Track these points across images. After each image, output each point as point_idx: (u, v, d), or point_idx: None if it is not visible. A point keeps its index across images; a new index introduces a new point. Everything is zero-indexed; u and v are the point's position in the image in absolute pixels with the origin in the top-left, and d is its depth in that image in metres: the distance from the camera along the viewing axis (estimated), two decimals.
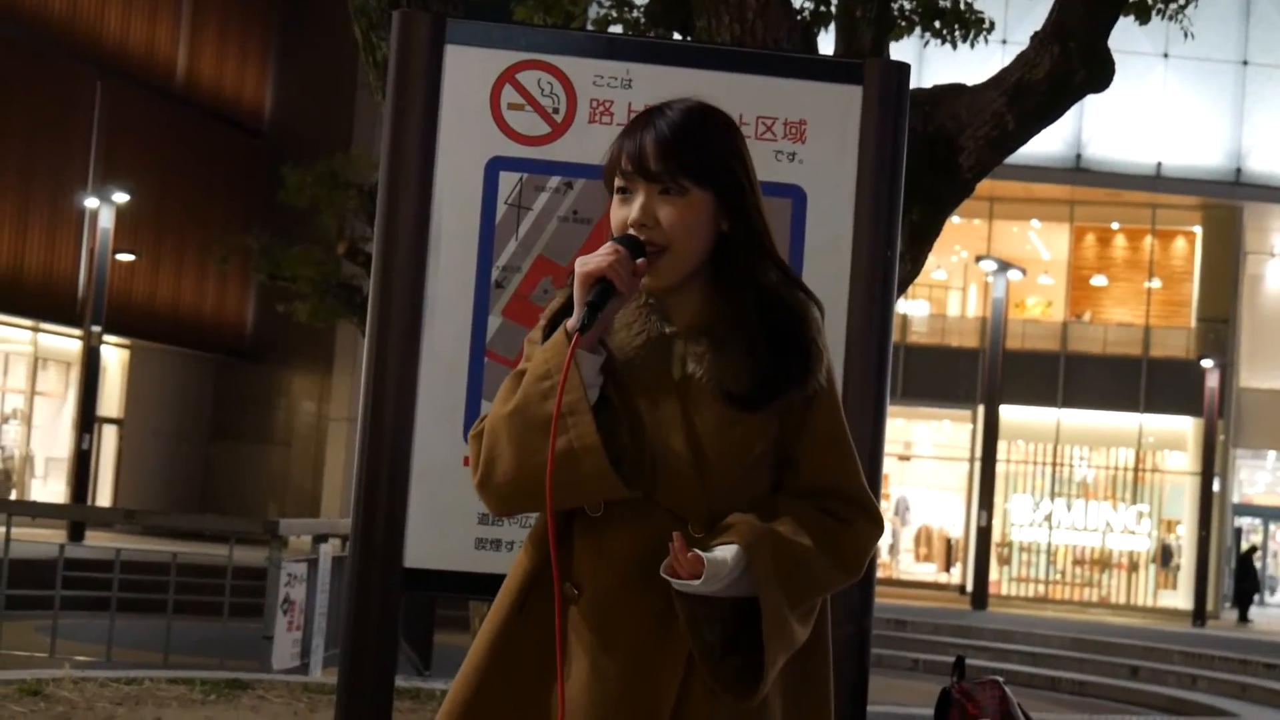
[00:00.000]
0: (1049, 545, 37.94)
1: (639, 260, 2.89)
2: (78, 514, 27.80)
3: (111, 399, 35.70)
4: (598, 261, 2.86)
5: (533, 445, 2.84)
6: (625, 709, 2.88)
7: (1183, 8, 9.96)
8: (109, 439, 35.94)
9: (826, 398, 2.99)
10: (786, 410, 2.95)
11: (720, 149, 2.98)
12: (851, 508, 2.99)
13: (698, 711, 2.89)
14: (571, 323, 2.87)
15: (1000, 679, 3.26)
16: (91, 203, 32.00)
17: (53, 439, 34.27)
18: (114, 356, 35.66)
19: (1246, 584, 36.17)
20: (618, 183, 2.97)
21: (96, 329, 30.84)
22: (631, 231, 2.92)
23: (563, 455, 2.81)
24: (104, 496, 35.55)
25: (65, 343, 33.73)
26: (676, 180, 2.93)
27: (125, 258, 33.15)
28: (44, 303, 32.35)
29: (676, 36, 8.98)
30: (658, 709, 2.88)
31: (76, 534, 26.97)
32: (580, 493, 2.86)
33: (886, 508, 37.87)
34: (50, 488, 33.79)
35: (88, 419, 31.45)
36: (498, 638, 2.97)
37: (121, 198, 31.28)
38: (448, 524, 4.11)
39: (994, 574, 35.11)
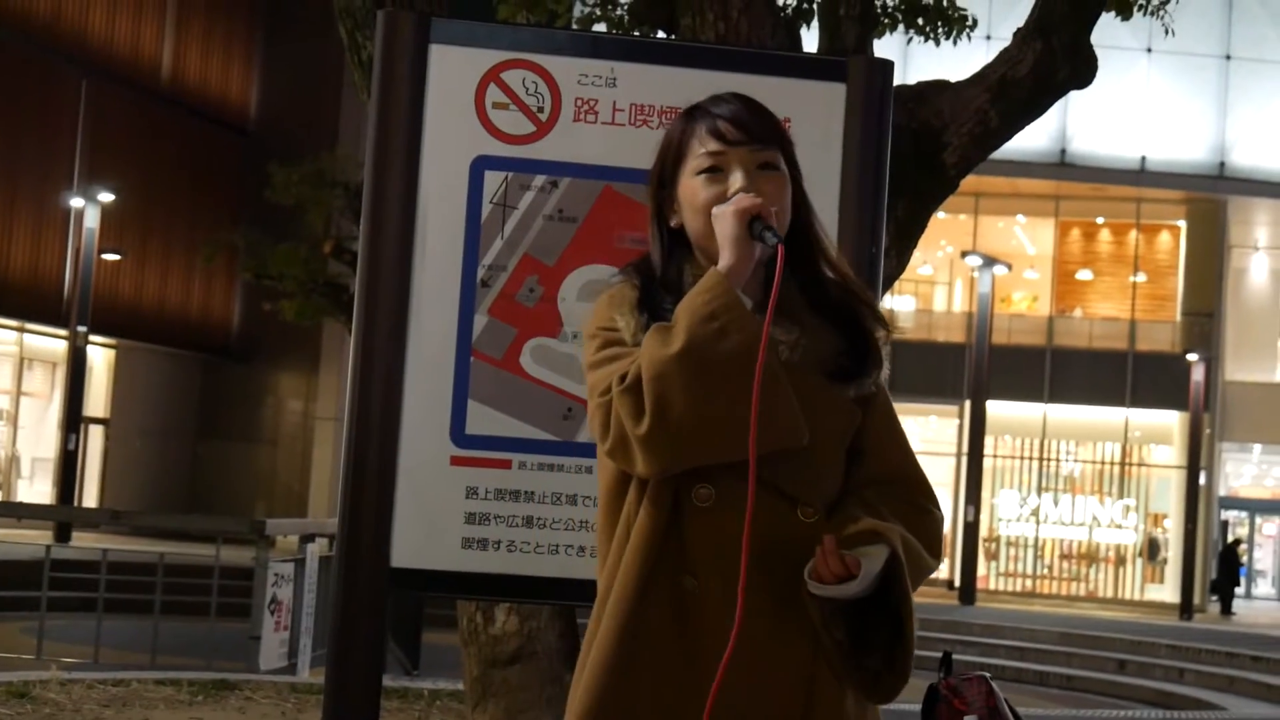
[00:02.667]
0: (1036, 540, 38.02)
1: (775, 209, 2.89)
2: (64, 515, 27.75)
3: (97, 399, 35.66)
4: (751, 200, 2.85)
5: (713, 387, 2.76)
6: (758, 700, 2.85)
7: (1164, 3, 9.97)
8: (95, 439, 35.89)
9: (884, 392, 3.05)
10: (861, 400, 2.98)
11: (789, 134, 3.05)
12: (923, 495, 3.03)
13: (826, 699, 2.88)
14: (724, 263, 2.83)
15: (987, 674, 3.26)
16: (76, 202, 31.95)
17: (38, 439, 34.23)
18: (100, 356, 35.61)
19: (1229, 577, 36.22)
20: (707, 161, 2.94)
21: (82, 329, 30.79)
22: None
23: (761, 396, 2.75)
24: (90, 497, 35.50)
25: (50, 343, 33.69)
26: (774, 150, 2.95)
27: (111, 257, 33.10)
28: (29, 303, 32.29)
29: (660, 35, 8.99)
30: (791, 699, 2.87)
31: (63, 535, 26.93)
32: (772, 434, 2.79)
33: None
34: (36, 488, 33.75)
35: (74, 419, 31.41)
36: (624, 632, 2.89)
37: (107, 197, 31.23)
38: (434, 523, 4.11)
39: (981, 569, 35.18)
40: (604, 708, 2.88)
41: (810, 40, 8.57)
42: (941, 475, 38.13)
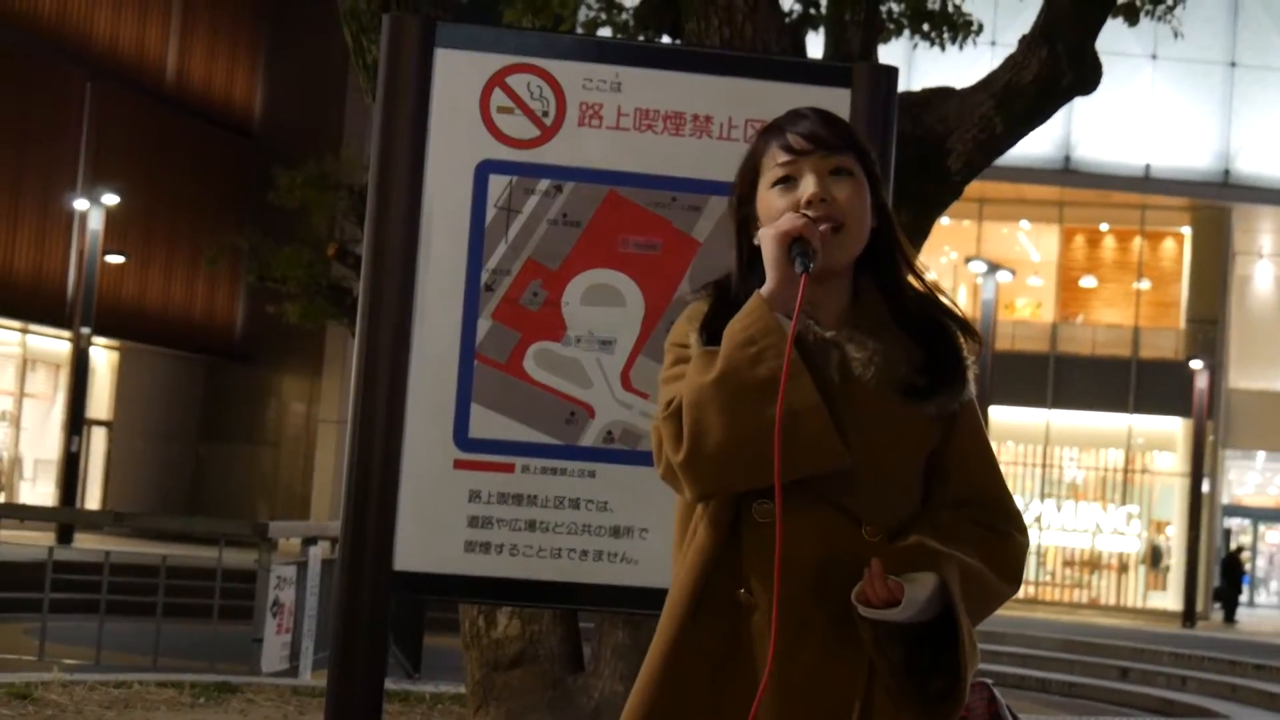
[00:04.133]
0: (1039, 546, 37.98)
1: (822, 227, 2.87)
2: (67, 517, 27.74)
3: (101, 401, 35.64)
4: (792, 222, 2.83)
5: (747, 412, 2.77)
6: (810, 718, 2.84)
7: (1170, 9, 9.98)
8: (98, 441, 35.88)
9: (972, 409, 3.00)
10: (943, 419, 2.95)
11: (868, 141, 3.04)
12: (1004, 518, 3.00)
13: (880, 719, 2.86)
14: (768, 286, 2.82)
15: (989, 681, 3.26)
16: (81, 204, 31.94)
17: (41, 441, 34.22)
18: (103, 358, 35.61)
19: (1232, 585, 36.20)
20: (779, 172, 2.94)
21: (86, 330, 30.77)
22: (807, 213, 2.88)
23: (786, 417, 2.75)
24: (93, 498, 35.50)
25: (54, 344, 33.68)
26: (848, 155, 2.93)
27: (115, 259, 33.10)
28: (33, 304, 32.30)
29: (665, 39, 8.99)
30: (843, 718, 2.85)
31: (66, 536, 26.93)
32: (803, 457, 2.78)
33: None
34: (39, 490, 33.74)
35: (77, 421, 31.38)
36: (674, 647, 2.90)
37: (111, 199, 31.22)
38: (437, 527, 4.11)
39: None
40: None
41: (815, 46, 8.59)
42: None
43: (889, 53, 9.86)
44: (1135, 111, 34.76)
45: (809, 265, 2.79)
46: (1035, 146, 33.16)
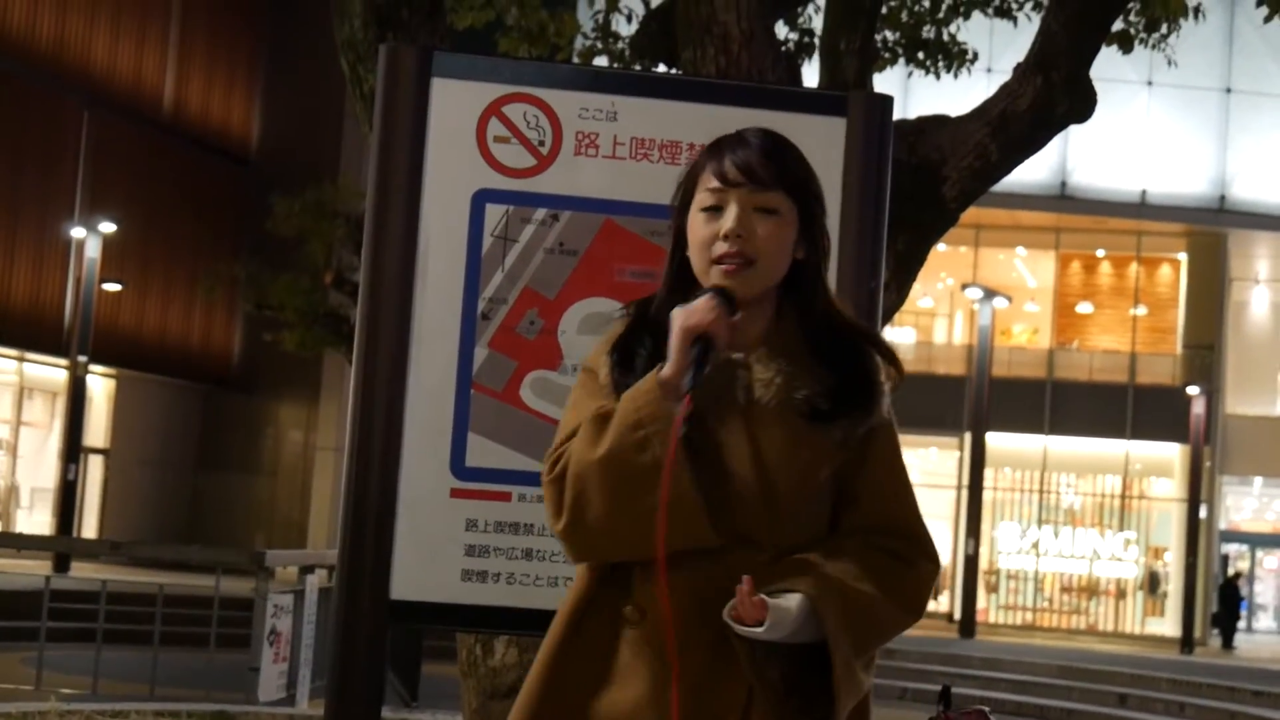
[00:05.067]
0: (1036, 573, 37.96)
1: (735, 316, 2.92)
2: (63, 546, 27.70)
3: (97, 429, 35.62)
4: (700, 317, 2.88)
5: (629, 495, 2.85)
6: None
7: (1165, 37, 10.01)
8: (95, 469, 35.85)
9: (886, 433, 3.03)
10: (848, 443, 2.97)
11: (810, 175, 3.08)
12: (911, 546, 3.01)
13: None
14: (666, 372, 2.88)
15: (986, 709, 3.26)
16: (78, 232, 31.98)
17: (38, 469, 34.19)
18: (100, 386, 35.60)
19: (1230, 611, 36.16)
20: (708, 200, 2.99)
21: (82, 359, 30.79)
22: (724, 246, 2.94)
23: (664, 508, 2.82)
24: (90, 527, 35.45)
25: (51, 372, 33.68)
26: (777, 193, 2.98)
27: (111, 287, 33.12)
28: (30, 332, 32.30)
29: (662, 68, 9.01)
30: None
31: (62, 565, 26.90)
32: (675, 543, 2.84)
33: None
34: (36, 518, 33.70)
35: (73, 449, 31.38)
36: (555, 660, 2.99)
37: (108, 227, 31.27)
38: (434, 556, 4.11)
39: (981, 602, 35.11)
40: None
41: (811, 75, 8.60)
42: (941, 508, 38.09)
43: (885, 81, 9.88)
44: (1131, 138, 34.83)
45: (698, 382, 2.85)
46: (1031, 173, 33.23)
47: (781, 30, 10.36)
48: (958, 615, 33.04)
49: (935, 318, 40.26)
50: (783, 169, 3.02)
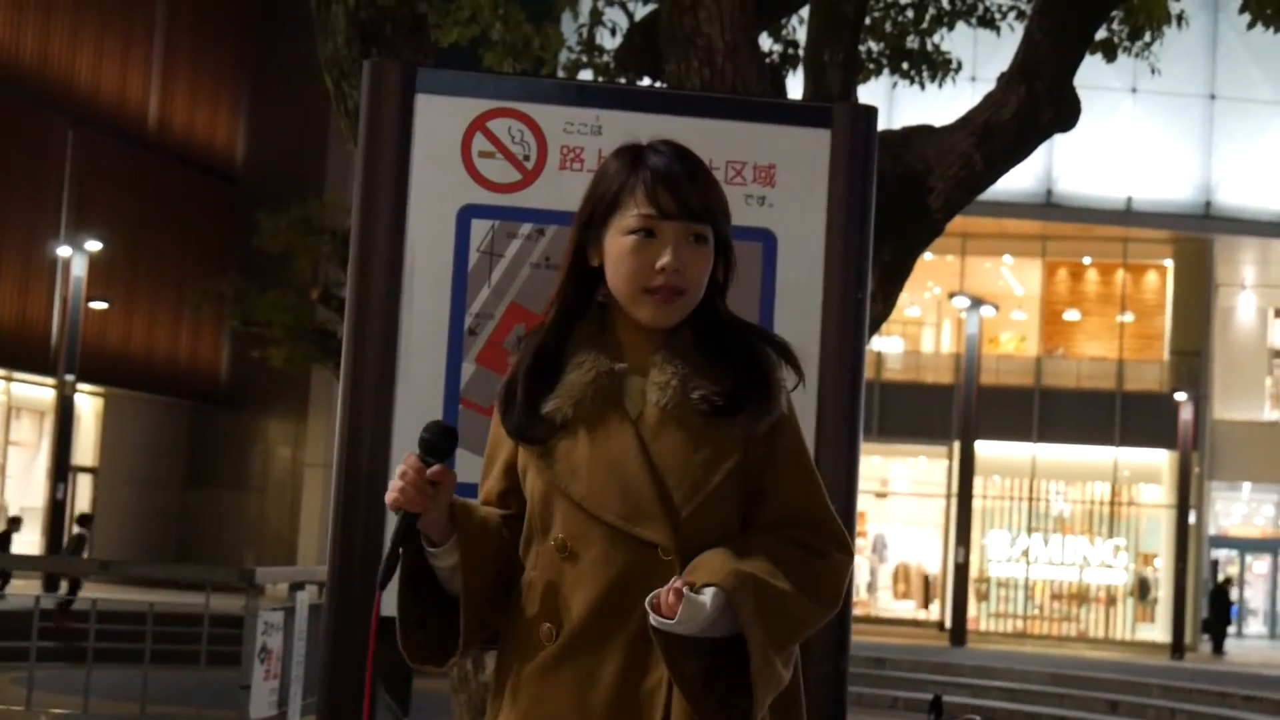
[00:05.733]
0: (1026, 580, 37.97)
1: (433, 468, 3.01)
2: (53, 566, 27.65)
3: (86, 447, 35.56)
4: (389, 495, 3.02)
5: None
6: None
7: (1148, 45, 10.04)
8: (84, 488, 35.79)
9: (789, 426, 3.05)
10: (750, 439, 2.99)
11: (723, 195, 3.09)
12: (822, 536, 3.02)
13: None
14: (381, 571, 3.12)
15: (977, 717, 3.27)
16: (64, 251, 31.95)
17: (27, 489, 34.13)
18: (88, 405, 35.54)
19: (1220, 617, 36.18)
20: (638, 223, 3.00)
21: (70, 377, 30.74)
22: (661, 279, 2.99)
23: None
24: None
25: (39, 391, 33.63)
26: (707, 225, 3.01)
27: (98, 305, 33.08)
28: (17, 351, 32.26)
29: (646, 81, 9.02)
30: None
31: (52, 585, 26.84)
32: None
33: (863, 545, 37.99)
34: (25, 538, 33.63)
35: (62, 468, 31.33)
36: (497, 689, 3.10)
37: (94, 245, 31.24)
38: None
39: (972, 610, 35.11)
40: None
41: (795, 86, 8.62)
42: (931, 516, 38.13)
43: (869, 92, 9.90)
44: (1116, 145, 34.88)
45: (381, 580, 3.13)
46: (1017, 181, 33.27)
47: (766, 42, 10.38)
48: (948, 624, 33.04)
49: (923, 327, 40.29)
50: (709, 197, 3.04)
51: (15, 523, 30.41)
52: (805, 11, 8.32)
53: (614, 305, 3.08)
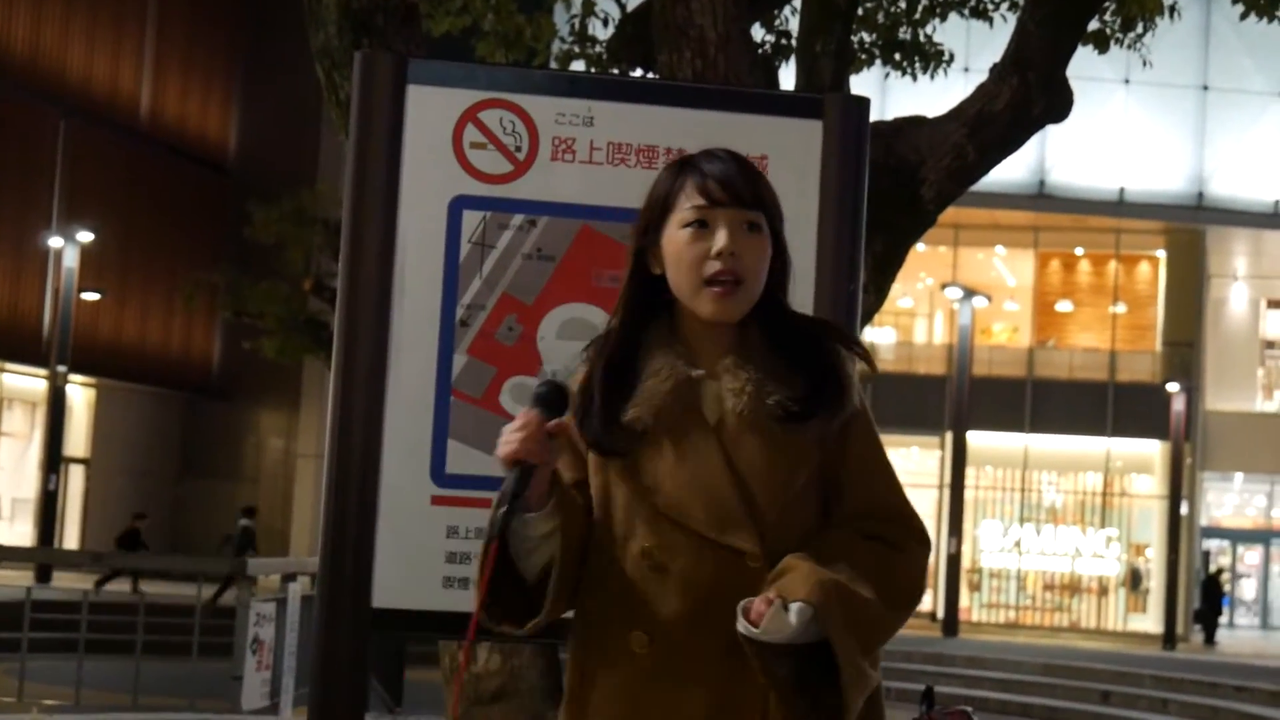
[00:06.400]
0: (1019, 571, 38.01)
1: (552, 422, 2.95)
2: (45, 557, 27.64)
3: (78, 439, 35.54)
4: (507, 448, 2.93)
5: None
6: None
7: (1140, 36, 10.02)
8: (76, 479, 35.76)
9: (861, 421, 3.06)
10: (825, 438, 3.00)
11: (773, 191, 3.09)
12: (899, 528, 3.05)
13: None
14: (489, 527, 2.96)
15: (969, 709, 3.26)
16: (56, 242, 31.92)
17: (19, 480, 34.10)
18: (80, 396, 35.52)
19: (1212, 607, 36.22)
20: (693, 214, 2.99)
21: (62, 368, 30.73)
22: (717, 265, 2.97)
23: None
24: (71, 537, 35.36)
25: (30, 382, 33.60)
26: (759, 212, 3.01)
27: (90, 296, 33.05)
28: (8, 342, 32.22)
29: (639, 72, 9.01)
30: None
31: (44, 576, 26.83)
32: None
33: None
34: (17, 529, 33.61)
35: (54, 459, 31.31)
36: (576, 701, 3.05)
37: (86, 236, 31.21)
38: (416, 563, 4.11)
39: (964, 600, 35.14)
40: None
41: (788, 77, 8.61)
42: (923, 507, 38.09)
43: (861, 82, 9.89)
44: (1109, 136, 34.88)
45: (497, 528, 2.94)
46: (1010, 172, 33.24)
47: (758, 33, 10.35)
48: (941, 614, 33.05)
49: (915, 318, 40.30)
50: (759, 186, 3.04)
51: (140, 518, 30.62)
52: (798, 2, 8.31)
53: (679, 308, 3.06)
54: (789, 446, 2.97)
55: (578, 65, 10.95)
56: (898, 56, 10.70)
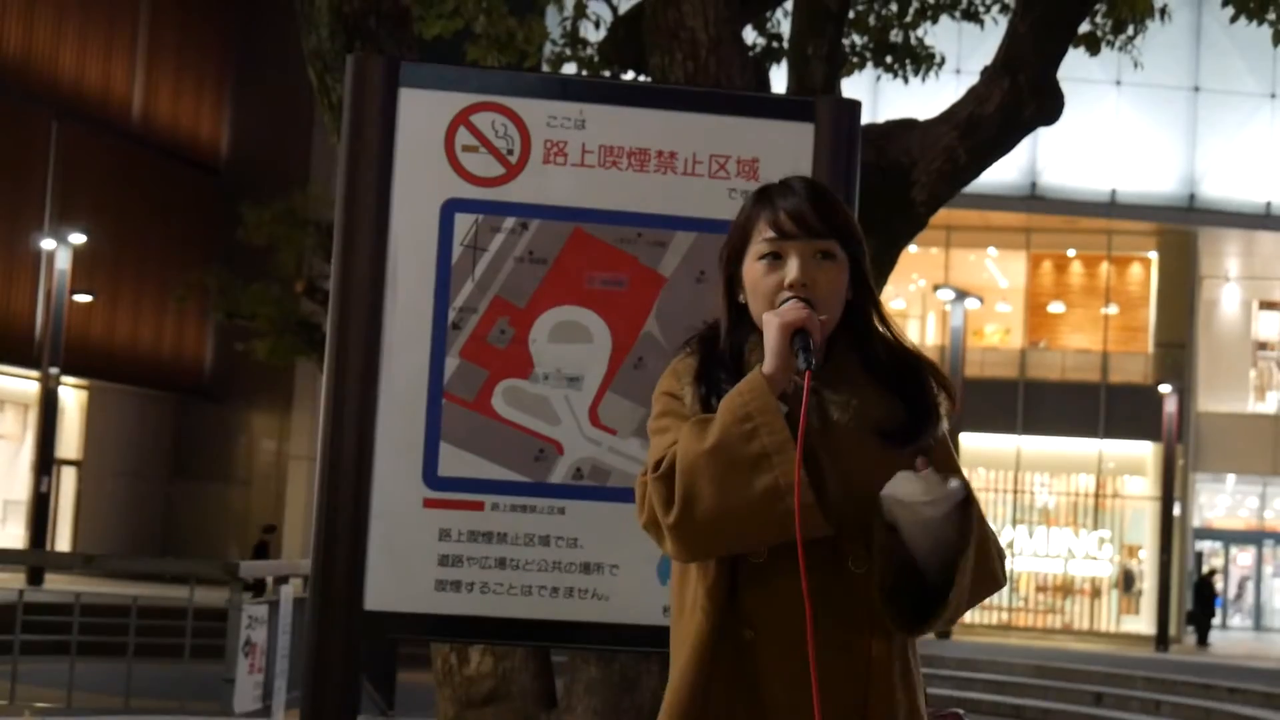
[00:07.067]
0: (1011, 572, 38.00)
1: (823, 317, 3.04)
2: (37, 560, 27.60)
3: (70, 440, 35.50)
4: (797, 314, 2.99)
5: (738, 484, 2.93)
6: None
7: (1131, 38, 10.04)
8: (68, 481, 35.73)
9: (945, 444, 3.19)
10: (918, 455, 3.09)
11: (853, 220, 3.19)
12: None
13: None
14: (768, 367, 2.98)
15: (961, 712, 3.30)
16: (48, 244, 31.87)
17: (11, 482, 34.06)
18: (72, 397, 35.48)
19: (1204, 608, 36.25)
20: (766, 247, 3.10)
21: (54, 370, 30.68)
22: (789, 295, 3.05)
23: (770, 491, 2.91)
24: (63, 538, 35.33)
25: (22, 384, 33.55)
26: (833, 241, 3.09)
27: (82, 298, 33.02)
28: (0, 344, 32.18)
29: (630, 75, 9.02)
30: None
31: (36, 578, 26.80)
32: (787, 528, 2.92)
33: None
34: (9, 531, 33.58)
35: (46, 461, 31.26)
36: (693, 683, 3.06)
37: (78, 238, 31.17)
38: (408, 566, 4.11)
39: None
40: None
41: (779, 80, 8.62)
42: None
43: (853, 85, 9.90)
44: (1100, 137, 34.91)
45: (811, 361, 2.96)
46: (1001, 173, 33.29)
47: (749, 35, 10.38)
48: None
49: (907, 319, 40.29)
50: (832, 215, 3.13)
51: (270, 530, 30.64)
52: (789, 4, 8.32)
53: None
54: (890, 461, 3.04)
55: (569, 68, 10.97)
56: (889, 59, 10.73)
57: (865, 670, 3.02)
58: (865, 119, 4.66)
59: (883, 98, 26.58)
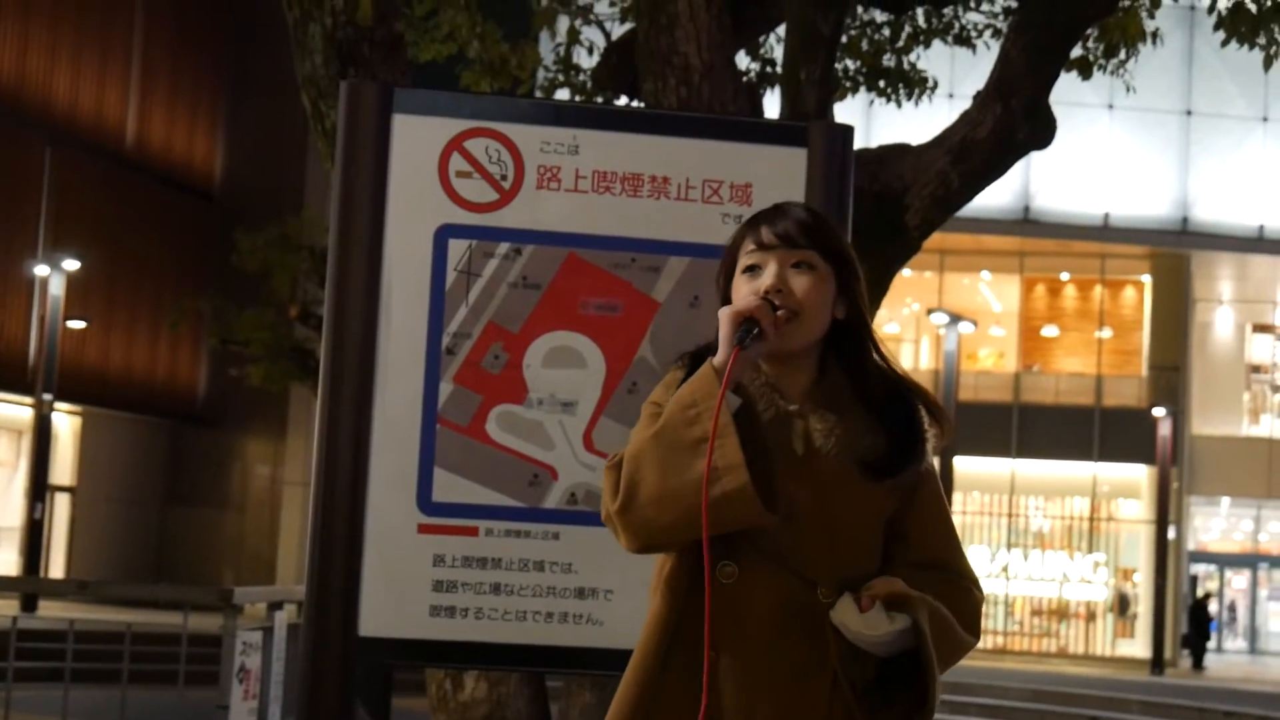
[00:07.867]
0: (1006, 596, 37.99)
1: (778, 312, 3.06)
2: (30, 586, 27.54)
3: (64, 467, 35.43)
4: (746, 303, 3.04)
5: (678, 464, 2.96)
6: None
7: (1123, 62, 10.07)
8: (61, 507, 35.65)
9: (931, 477, 3.21)
10: (897, 490, 3.15)
11: (843, 240, 3.23)
12: (964, 580, 3.23)
13: None
14: (717, 359, 3.01)
15: None
16: (41, 270, 31.85)
17: (4, 508, 34.00)
18: (66, 424, 35.42)
19: (1199, 632, 36.22)
20: (748, 260, 3.16)
21: (48, 396, 30.63)
22: (768, 298, 3.09)
23: (710, 473, 2.92)
24: (57, 565, 35.23)
25: (16, 410, 33.50)
26: (812, 252, 3.13)
27: (76, 324, 32.98)
28: None
29: (623, 100, 9.03)
30: None
31: (29, 605, 26.74)
32: (724, 512, 2.93)
33: None
34: (2, 558, 33.50)
35: (40, 487, 31.20)
36: (643, 696, 3.08)
37: (72, 264, 31.15)
38: (402, 591, 4.11)
39: None
40: None
41: (772, 105, 8.63)
42: None
43: (846, 109, 9.93)
44: (1093, 161, 34.96)
45: (745, 342, 2.99)
46: (995, 197, 33.33)
47: (742, 61, 10.39)
48: None
49: (901, 343, 40.32)
50: (815, 231, 3.17)
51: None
52: (782, 30, 8.34)
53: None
54: (872, 492, 3.10)
55: (562, 94, 10.99)
56: (882, 83, 10.75)
57: (825, 702, 3.04)
58: (858, 143, 4.67)
59: (876, 122, 26.64)
